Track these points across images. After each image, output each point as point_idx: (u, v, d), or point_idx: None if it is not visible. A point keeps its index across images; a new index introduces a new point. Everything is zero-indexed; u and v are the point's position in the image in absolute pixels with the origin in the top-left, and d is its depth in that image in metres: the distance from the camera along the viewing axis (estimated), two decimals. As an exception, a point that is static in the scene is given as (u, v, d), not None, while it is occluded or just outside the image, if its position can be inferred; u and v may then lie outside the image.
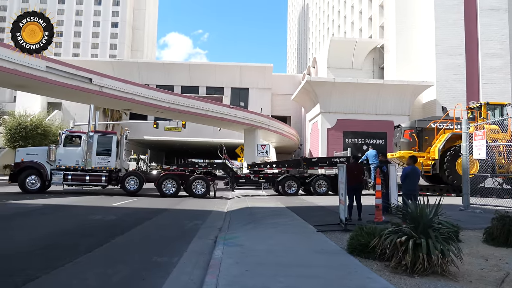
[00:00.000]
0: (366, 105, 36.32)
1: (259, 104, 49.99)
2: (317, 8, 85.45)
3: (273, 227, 9.30)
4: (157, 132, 41.98)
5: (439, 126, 18.86)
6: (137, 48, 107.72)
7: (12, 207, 13.08)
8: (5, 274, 5.25)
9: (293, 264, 5.74)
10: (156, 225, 10.39)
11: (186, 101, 30.67)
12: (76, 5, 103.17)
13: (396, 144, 20.24)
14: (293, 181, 20.02)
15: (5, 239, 7.83)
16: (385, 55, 42.91)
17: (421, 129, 19.14)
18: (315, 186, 19.99)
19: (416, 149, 18.62)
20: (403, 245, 5.30)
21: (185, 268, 5.91)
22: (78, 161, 19.16)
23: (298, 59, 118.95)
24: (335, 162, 21.72)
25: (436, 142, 18.56)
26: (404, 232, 5.53)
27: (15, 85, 24.48)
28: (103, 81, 24.71)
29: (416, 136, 18.92)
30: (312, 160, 22.56)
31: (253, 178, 20.59)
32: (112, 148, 19.66)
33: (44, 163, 18.81)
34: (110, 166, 19.46)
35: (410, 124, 19.76)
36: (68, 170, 18.91)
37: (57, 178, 18.65)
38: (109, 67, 47.57)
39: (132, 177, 19.45)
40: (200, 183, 19.58)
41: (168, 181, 19.44)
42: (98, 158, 19.37)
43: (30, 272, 5.30)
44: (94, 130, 21.31)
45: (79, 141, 19.48)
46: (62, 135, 19.76)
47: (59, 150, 19.11)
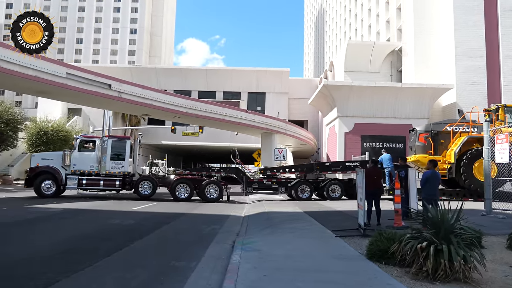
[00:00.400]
0: (384, 109, 35.92)
1: (276, 108, 49.95)
2: (334, 12, 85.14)
3: (290, 232, 9.24)
4: (175, 137, 42.28)
5: (455, 129, 18.46)
6: (155, 54, 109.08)
7: (33, 211, 13.33)
8: (27, 277, 5.34)
9: (311, 270, 5.68)
10: (174, 230, 10.45)
11: (203, 106, 30.84)
12: (95, 13, 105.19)
13: (411, 147, 19.92)
14: (306, 186, 19.91)
15: (27, 243, 7.98)
16: (403, 58, 42.41)
17: (437, 133, 18.77)
18: (328, 191, 19.82)
19: (432, 153, 18.28)
20: (424, 251, 5.20)
21: (203, 272, 5.92)
22: (92, 165, 19.42)
23: (315, 63, 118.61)
24: (348, 166, 21.52)
25: (452, 146, 18.18)
26: (424, 237, 5.43)
27: (36, 92, 25.00)
28: (122, 87, 25.04)
29: (432, 140, 18.57)
30: (325, 164, 22.36)
31: (266, 182, 20.54)
32: (126, 152, 19.85)
33: (59, 167, 19.07)
34: (124, 171, 19.65)
35: (425, 128, 19.39)
36: (82, 174, 19.15)
37: (72, 183, 18.90)
38: (127, 73, 48.26)
39: (146, 182, 19.57)
40: (213, 187, 19.61)
41: (181, 186, 19.53)
42: (112, 162, 19.59)
43: (51, 276, 5.38)
44: (108, 135, 21.52)
45: (94, 146, 19.75)
46: (76, 140, 20.04)
47: (73, 155, 19.36)
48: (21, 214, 12.45)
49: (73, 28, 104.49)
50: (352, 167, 21.41)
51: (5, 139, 34.33)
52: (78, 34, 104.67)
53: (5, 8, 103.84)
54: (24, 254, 6.77)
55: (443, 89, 35.41)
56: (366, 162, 21.53)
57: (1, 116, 32.61)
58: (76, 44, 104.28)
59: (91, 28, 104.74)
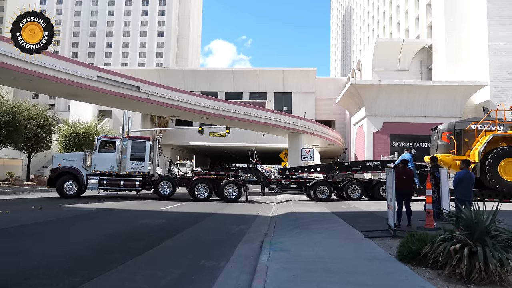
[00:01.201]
0: (414, 108, 35.18)
1: (302, 108, 49.74)
2: (361, 10, 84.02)
3: (319, 233, 9.18)
4: (202, 138, 42.73)
5: (479, 128, 17.82)
6: (182, 56, 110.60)
7: (68, 211, 13.76)
8: (64, 273, 5.53)
9: (341, 271, 5.63)
10: (202, 229, 10.57)
11: (230, 107, 31.06)
12: (124, 17, 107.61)
13: (434, 146, 19.37)
14: (325, 186, 19.61)
15: (64, 241, 8.26)
16: (433, 56, 41.41)
17: (460, 131, 18.12)
18: (348, 191, 19.52)
19: (455, 152, 17.68)
20: (457, 253, 5.07)
21: (232, 272, 5.95)
22: (112, 166, 19.61)
23: (342, 62, 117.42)
24: (368, 166, 21.12)
25: (476, 145, 17.53)
26: (458, 239, 5.29)
27: (69, 95, 25.81)
28: (151, 89, 25.52)
29: (455, 139, 17.96)
30: (344, 164, 22.03)
31: (284, 182, 20.40)
32: (145, 153, 19.99)
33: (80, 168, 19.25)
34: (143, 171, 19.79)
35: (448, 126, 18.75)
36: (103, 175, 19.30)
37: (93, 183, 19.02)
38: (155, 75, 49.15)
39: (165, 182, 19.67)
40: (232, 187, 19.55)
41: (200, 186, 19.54)
42: (132, 163, 19.74)
43: (85, 274, 5.55)
44: (128, 135, 21.66)
45: (114, 147, 19.90)
46: (97, 140, 20.19)
47: (94, 156, 19.54)
48: (57, 213, 12.87)
49: (103, 32, 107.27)
50: (372, 167, 21.08)
51: (40, 141, 35.63)
52: (107, 38, 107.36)
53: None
54: (61, 252, 7.02)
55: (476, 86, 34.37)
56: (388, 162, 21.18)
57: (36, 119, 33.82)
58: (106, 48, 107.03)
59: (120, 32, 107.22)
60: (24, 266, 5.91)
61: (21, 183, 30.86)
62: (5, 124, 29.46)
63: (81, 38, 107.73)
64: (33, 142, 35.20)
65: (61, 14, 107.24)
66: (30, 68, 18.86)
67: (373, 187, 19.84)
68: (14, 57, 17.64)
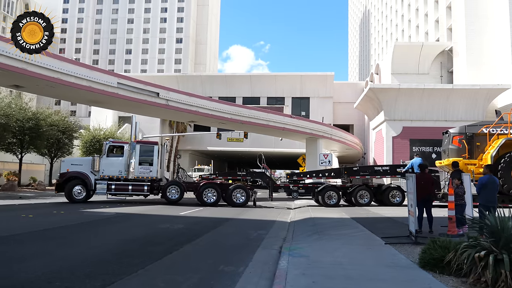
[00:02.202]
0: (434, 112, 34.61)
1: (320, 113, 49.50)
2: (379, 14, 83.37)
3: (338, 239, 9.09)
4: (220, 143, 42.96)
5: (491, 131, 17.28)
6: (200, 61, 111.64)
7: (90, 215, 13.99)
8: (86, 277, 5.62)
9: (361, 278, 5.55)
10: (221, 234, 10.59)
11: (247, 112, 31.12)
12: (143, 24, 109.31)
13: (445, 151, 18.93)
14: (333, 192, 19.34)
15: (85, 245, 8.38)
16: (454, 59, 40.73)
17: (472, 135, 17.57)
18: (356, 197, 19.28)
19: (466, 156, 17.20)
20: (482, 260, 4.95)
21: (251, 278, 5.94)
22: (121, 170, 19.53)
23: (360, 66, 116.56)
24: (377, 171, 20.84)
25: (488, 149, 16.96)
26: (483, 246, 5.17)
27: (90, 101, 26.27)
28: (169, 95, 25.79)
29: (466, 143, 17.43)
30: (353, 169, 21.72)
31: (292, 187, 20.28)
32: (154, 157, 19.90)
33: (88, 173, 19.22)
34: (152, 176, 19.73)
35: (459, 130, 18.22)
36: (111, 180, 19.26)
37: (101, 188, 18.93)
38: (174, 81, 49.67)
39: (173, 186, 19.67)
40: (240, 192, 19.48)
41: (208, 190, 19.47)
42: (140, 168, 19.67)
43: (106, 278, 5.62)
44: (136, 140, 21.57)
45: (122, 151, 19.83)
46: (105, 145, 20.16)
47: (102, 160, 19.49)
48: (79, 218, 13.08)
49: (122, 39, 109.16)
50: (381, 171, 20.82)
51: (62, 146, 36.36)
52: (127, 45, 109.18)
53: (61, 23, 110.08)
54: (83, 256, 7.14)
55: (498, 89, 33.62)
56: (397, 167, 20.87)
57: (58, 125, 34.56)
58: (126, 55, 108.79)
59: (139, 39, 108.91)
60: (48, 269, 6.02)
61: (44, 187, 31.53)
62: (29, 130, 30.18)
63: (101, 46, 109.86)
64: (55, 148, 35.95)
65: (82, 23, 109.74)
66: (52, 75, 19.29)
67: (383, 193, 19.55)
68: (38, 65, 18.10)
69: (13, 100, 31.09)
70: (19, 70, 17.96)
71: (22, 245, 7.95)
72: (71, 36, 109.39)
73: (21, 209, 15.57)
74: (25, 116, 30.29)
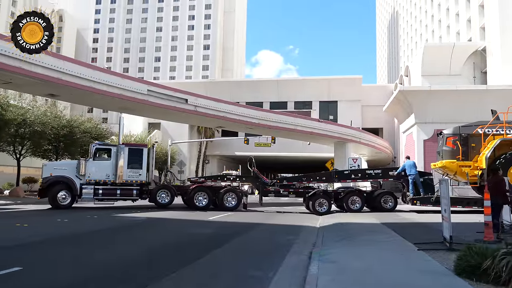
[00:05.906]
0: (466, 114, 33.44)
1: (348, 116, 48.95)
2: (408, 15, 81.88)
3: (368, 244, 8.94)
4: (248, 148, 43.10)
5: (486, 132, 16.53)
6: (227, 67, 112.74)
7: (121, 220, 14.36)
8: (120, 280, 5.78)
9: (394, 284, 5.44)
10: (251, 239, 10.61)
11: (275, 117, 31.17)
12: (171, 32, 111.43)
13: (439, 153, 18.25)
14: (323, 199, 18.49)
15: (119, 249, 8.61)
16: (487, 58, 39.48)
17: (467, 136, 16.92)
18: (348, 203, 18.55)
19: (460, 158, 16.54)
20: (521, 268, 4.75)
21: (281, 283, 5.91)
22: (108, 174, 18.67)
23: (388, 69, 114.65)
24: (369, 174, 20.15)
25: (483, 150, 16.24)
26: (522, 253, 4.97)
27: (121, 108, 26.98)
28: (197, 101, 26.16)
29: (460, 144, 16.75)
30: (344, 172, 20.94)
31: (283, 192, 19.69)
32: (143, 160, 19.19)
33: (73, 177, 18.23)
34: (141, 179, 19.08)
35: (453, 131, 17.59)
36: (98, 184, 18.41)
37: (87, 193, 18.14)
38: (201, 87, 50.31)
39: (164, 191, 19.19)
40: (231, 195, 19.00)
41: (199, 194, 18.97)
42: (129, 171, 18.90)
43: (139, 280, 5.75)
44: (124, 142, 20.88)
45: (109, 154, 19.00)
46: (92, 147, 19.43)
47: (89, 164, 18.60)
48: (111, 222, 13.44)
49: (151, 48, 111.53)
50: (373, 175, 20.10)
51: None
52: (156, 52, 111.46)
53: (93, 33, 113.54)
54: (117, 259, 7.34)
55: (535, 89, 32.33)
56: (389, 170, 20.25)
57: (91, 132, 35.55)
58: (155, 62, 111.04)
59: (167, 47, 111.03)
60: (83, 272, 6.22)
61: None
62: (63, 137, 31.19)
63: (131, 54, 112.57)
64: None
65: (113, 32, 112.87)
66: (86, 84, 19.94)
67: (375, 198, 18.84)
68: (72, 74, 18.76)
69: (49, 109, 32.22)
70: (54, 80, 18.66)
71: (54, 249, 8.22)
72: (103, 46, 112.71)
73: (53, 214, 16.08)
74: (60, 124, 31.33)
